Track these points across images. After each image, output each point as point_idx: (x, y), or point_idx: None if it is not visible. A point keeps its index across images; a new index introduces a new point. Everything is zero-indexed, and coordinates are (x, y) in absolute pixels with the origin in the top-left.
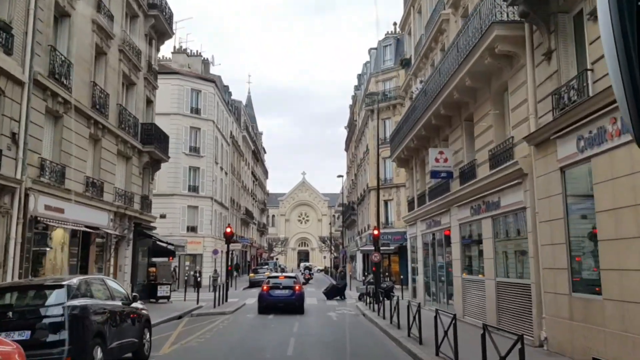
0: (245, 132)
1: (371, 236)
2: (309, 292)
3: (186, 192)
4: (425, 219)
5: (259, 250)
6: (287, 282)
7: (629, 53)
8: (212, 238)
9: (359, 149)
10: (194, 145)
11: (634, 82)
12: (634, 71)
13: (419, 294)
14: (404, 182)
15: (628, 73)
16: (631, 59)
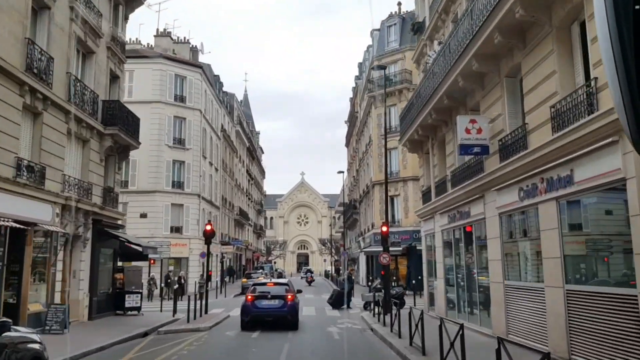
0: (239, 127)
1: (376, 236)
2: (307, 299)
3: (170, 189)
4: (446, 210)
5: (256, 253)
6: (277, 290)
7: (626, 57)
8: (200, 240)
9: (361, 142)
10: (178, 137)
11: (631, 87)
12: (631, 75)
13: (438, 302)
14: (412, 175)
15: (625, 77)
16: (628, 64)
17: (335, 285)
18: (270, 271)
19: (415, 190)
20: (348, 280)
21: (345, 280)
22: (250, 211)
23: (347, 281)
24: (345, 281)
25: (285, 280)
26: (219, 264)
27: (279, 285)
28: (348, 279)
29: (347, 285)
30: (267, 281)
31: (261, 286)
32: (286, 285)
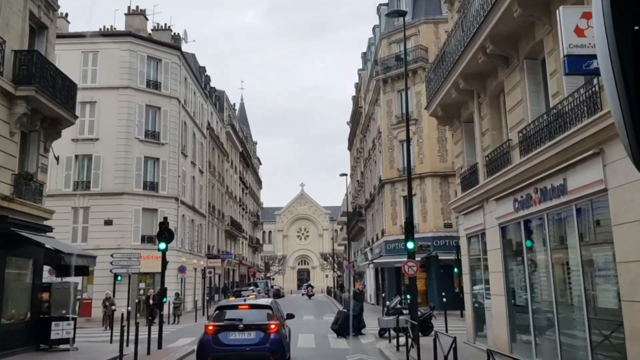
0: (230, 129)
1: (388, 244)
2: (305, 323)
3: (141, 191)
4: (509, 192)
5: (252, 269)
6: (254, 316)
7: (626, 77)
8: (177, 251)
9: (367, 139)
10: (151, 130)
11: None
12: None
13: (494, 330)
14: (430, 171)
15: (625, 97)
16: (628, 83)
17: (339, 305)
18: (265, 288)
19: (434, 188)
20: (355, 298)
21: (351, 298)
22: (245, 223)
23: (353, 299)
24: (350, 300)
25: (266, 301)
26: (206, 281)
27: (257, 309)
28: (355, 297)
29: (356, 306)
30: (238, 303)
31: (231, 310)
32: (268, 309)
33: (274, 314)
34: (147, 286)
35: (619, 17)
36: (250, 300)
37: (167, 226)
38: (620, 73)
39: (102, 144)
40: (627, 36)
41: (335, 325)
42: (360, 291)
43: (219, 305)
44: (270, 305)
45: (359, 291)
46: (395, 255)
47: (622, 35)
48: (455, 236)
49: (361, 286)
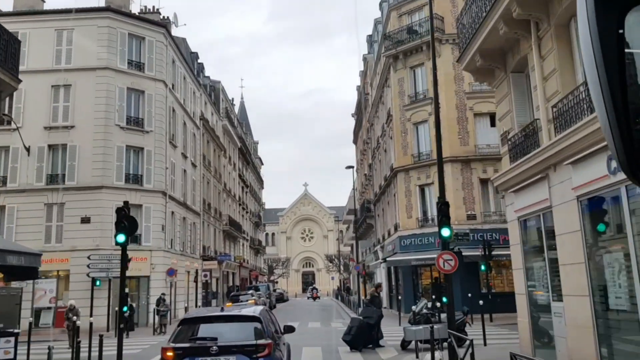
0: (228, 123)
1: (403, 240)
2: (310, 332)
3: (122, 184)
4: (596, 150)
5: (253, 272)
6: (236, 332)
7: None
8: (166, 252)
9: (375, 126)
10: (134, 116)
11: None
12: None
13: (570, 344)
14: (450, 156)
15: (611, 100)
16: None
17: (347, 309)
18: (267, 292)
19: (455, 175)
20: (371, 303)
21: (366, 303)
22: (246, 223)
23: (369, 304)
24: (365, 304)
25: (254, 311)
26: (198, 284)
27: (240, 322)
28: (371, 301)
29: (373, 312)
30: (214, 313)
31: (202, 324)
32: (255, 322)
33: (264, 329)
34: (132, 291)
35: (603, 21)
36: (232, 310)
37: (127, 213)
38: (605, 77)
39: (78, 132)
40: (612, 40)
41: (348, 335)
42: (377, 295)
43: (185, 318)
44: (260, 316)
45: (376, 295)
46: (411, 252)
47: (607, 38)
48: (480, 229)
49: (378, 289)
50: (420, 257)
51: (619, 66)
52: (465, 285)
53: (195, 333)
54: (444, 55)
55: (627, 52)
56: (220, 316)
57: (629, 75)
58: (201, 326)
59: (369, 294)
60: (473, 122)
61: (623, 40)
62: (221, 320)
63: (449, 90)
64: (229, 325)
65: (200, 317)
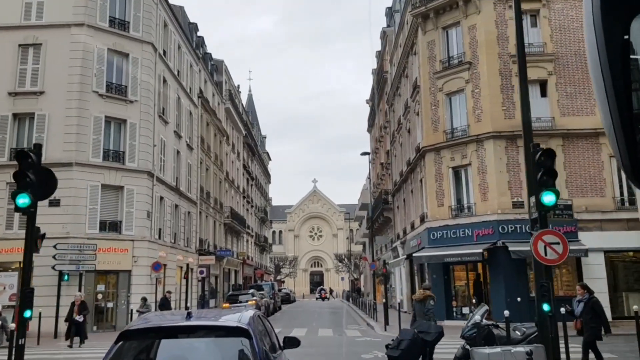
0: (231, 106)
1: (432, 233)
2: (322, 343)
3: (100, 162)
4: None
5: (258, 270)
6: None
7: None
8: (152, 242)
9: (395, 106)
10: (116, 82)
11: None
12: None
13: None
14: (493, 131)
15: (615, 104)
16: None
17: (361, 312)
18: (271, 292)
19: (498, 154)
20: (420, 314)
21: (418, 313)
22: (251, 218)
23: (420, 314)
24: (416, 313)
25: (237, 319)
26: (190, 281)
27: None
28: (426, 314)
29: (430, 328)
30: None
31: (160, 339)
32: (242, 336)
33: (254, 347)
34: (109, 289)
35: (609, 26)
36: (204, 318)
37: (34, 162)
38: (611, 82)
39: (48, 99)
40: (617, 45)
41: (396, 350)
42: (425, 300)
43: (127, 330)
44: (247, 327)
45: (422, 300)
46: (443, 247)
47: (612, 44)
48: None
49: (428, 296)
50: (454, 252)
51: (624, 72)
52: (511, 287)
53: (142, 356)
54: (485, 12)
55: (632, 58)
56: (186, 327)
57: (634, 80)
58: (155, 344)
59: (423, 291)
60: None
61: (629, 46)
62: (187, 333)
63: (491, 53)
64: (199, 342)
65: (153, 328)
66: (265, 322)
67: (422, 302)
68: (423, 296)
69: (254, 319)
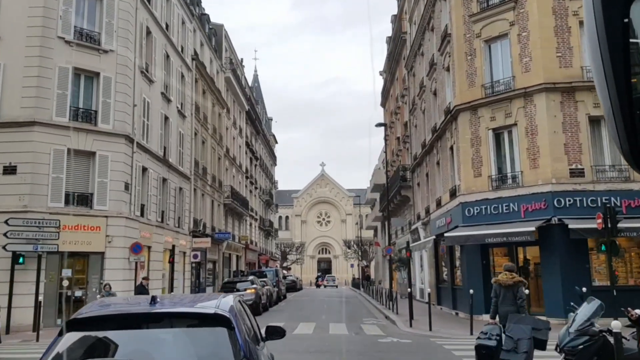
0: (232, 76)
1: (467, 209)
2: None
3: (66, 121)
4: None
5: (263, 256)
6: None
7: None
8: (131, 220)
9: (417, 68)
10: (87, 28)
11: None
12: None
13: None
14: (546, 82)
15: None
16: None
17: (374, 301)
18: (274, 279)
19: (552, 111)
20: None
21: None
22: (254, 200)
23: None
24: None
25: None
26: (189, 267)
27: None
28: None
29: (544, 325)
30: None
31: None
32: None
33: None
34: (78, 274)
35: (609, 9)
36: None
37: None
38: (610, 65)
39: (3, 45)
40: (617, 29)
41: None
42: (522, 282)
43: (75, 318)
44: (229, 315)
45: (522, 284)
46: (482, 225)
47: (612, 27)
48: (591, 191)
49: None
50: (498, 231)
51: (623, 55)
52: (569, 274)
53: (95, 351)
54: None
55: (632, 41)
56: (151, 315)
57: (634, 64)
58: (112, 336)
59: (504, 283)
60: (578, 33)
61: (628, 30)
62: (152, 322)
63: None
64: (168, 334)
65: (109, 316)
66: (246, 309)
67: (511, 288)
68: (513, 281)
69: (234, 306)
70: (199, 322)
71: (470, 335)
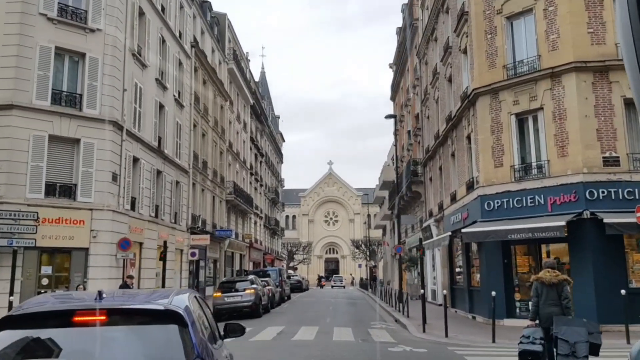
0: (235, 67)
1: (487, 202)
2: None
3: (47, 105)
4: None
5: (268, 255)
6: (126, 349)
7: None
8: (118, 214)
9: (429, 56)
10: (73, 5)
11: None
12: None
13: None
14: (576, 61)
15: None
16: None
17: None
18: (278, 279)
19: (583, 92)
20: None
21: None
22: (259, 198)
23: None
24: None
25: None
26: (186, 266)
27: (139, 325)
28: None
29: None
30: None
31: (59, 328)
32: (174, 322)
33: (190, 337)
34: (59, 272)
35: None
36: (126, 300)
37: None
38: (638, 20)
39: None
40: None
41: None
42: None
43: (10, 314)
44: (182, 312)
45: (567, 282)
46: (504, 220)
47: None
48: (628, 182)
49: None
50: (522, 226)
51: None
52: (602, 275)
53: (32, 352)
54: None
55: None
56: (95, 311)
57: None
58: (52, 334)
59: (547, 281)
60: (612, 6)
61: None
62: (98, 320)
63: None
64: (114, 332)
65: (47, 313)
66: (203, 305)
67: (555, 287)
68: (558, 279)
69: (190, 301)
70: (149, 319)
71: (492, 343)
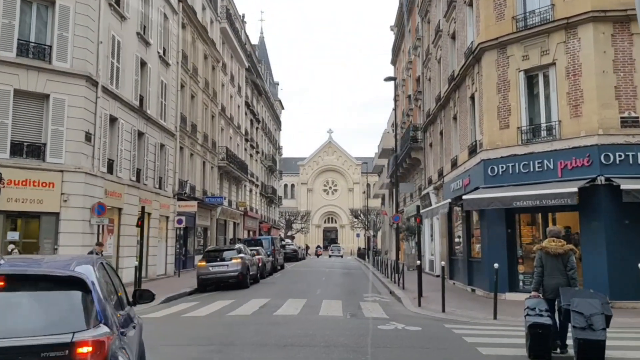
0: (228, 26)
1: (491, 167)
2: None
3: (12, 57)
4: None
5: (264, 224)
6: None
7: None
8: (92, 177)
9: (432, 12)
10: None
11: None
12: None
13: None
14: (593, 10)
15: None
16: None
17: (379, 274)
18: (270, 248)
19: (600, 46)
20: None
21: None
22: (255, 165)
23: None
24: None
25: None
26: (172, 234)
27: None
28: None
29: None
30: None
31: None
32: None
33: (93, 302)
34: (28, 238)
35: None
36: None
37: None
38: None
39: None
40: None
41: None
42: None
43: None
44: (84, 277)
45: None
46: (509, 186)
47: None
48: None
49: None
50: (530, 193)
51: None
52: (617, 247)
53: None
54: None
55: None
56: None
57: None
58: None
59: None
60: None
61: None
62: None
63: None
64: (14, 298)
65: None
66: (111, 272)
67: (561, 257)
68: (563, 249)
69: (96, 268)
70: (51, 285)
71: (494, 320)
